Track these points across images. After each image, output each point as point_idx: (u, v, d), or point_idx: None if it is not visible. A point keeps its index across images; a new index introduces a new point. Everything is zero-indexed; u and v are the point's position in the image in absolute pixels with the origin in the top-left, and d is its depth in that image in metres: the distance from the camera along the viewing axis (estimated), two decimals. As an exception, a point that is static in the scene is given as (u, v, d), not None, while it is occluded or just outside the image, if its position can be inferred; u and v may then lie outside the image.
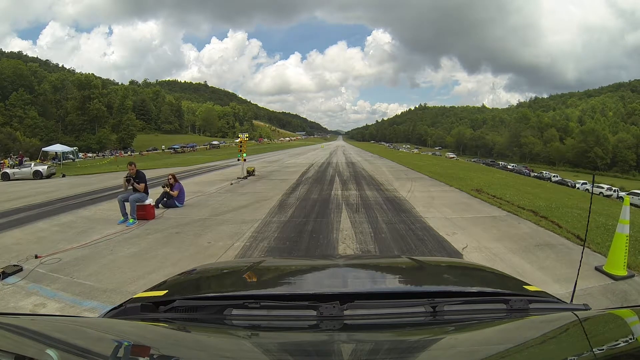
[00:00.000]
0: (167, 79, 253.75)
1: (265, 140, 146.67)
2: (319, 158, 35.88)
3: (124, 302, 1.20)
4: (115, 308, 1.17)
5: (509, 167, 58.21)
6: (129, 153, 63.72)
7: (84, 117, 75.30)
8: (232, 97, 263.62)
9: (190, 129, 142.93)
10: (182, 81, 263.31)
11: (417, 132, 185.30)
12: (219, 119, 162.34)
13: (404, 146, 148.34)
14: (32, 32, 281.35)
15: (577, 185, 41.95)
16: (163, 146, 72.10)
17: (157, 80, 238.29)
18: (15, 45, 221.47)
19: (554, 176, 50.83)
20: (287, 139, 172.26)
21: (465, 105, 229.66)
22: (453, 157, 63.80)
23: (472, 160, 72.04)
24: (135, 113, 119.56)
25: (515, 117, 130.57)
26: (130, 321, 1.08)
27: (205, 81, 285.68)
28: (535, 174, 53.39)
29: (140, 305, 1.12)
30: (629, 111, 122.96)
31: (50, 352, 0.68)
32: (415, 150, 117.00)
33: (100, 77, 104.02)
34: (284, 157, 39.58)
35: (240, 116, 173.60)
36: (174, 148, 67.20)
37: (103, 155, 56.29)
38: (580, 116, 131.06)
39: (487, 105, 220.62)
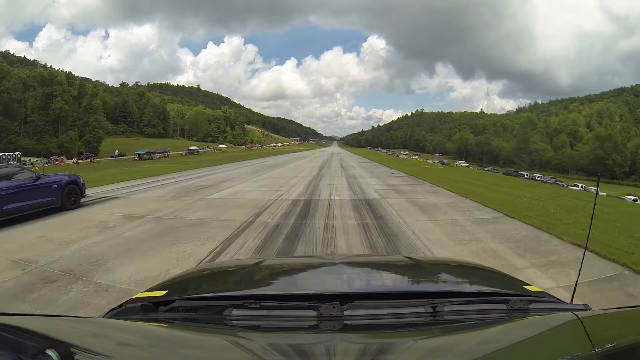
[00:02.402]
0: (158, 82, 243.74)
1: (257, 145, 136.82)
2: (301, 177, 18.29)
3: (124, 303, 1.19)
4: (115, 308, 1.17)
5: (536, 177, 48.49)
6: (73, 160, 50.13)
7: (46, 117, 65.30)
8: (225, 101, 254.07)
9: (180, 133, 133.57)
10: (175, 84, 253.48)
11: (415, 138, 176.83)
12: (209, 123, 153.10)
13: (402, 152, 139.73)
14: (28, 35, 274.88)
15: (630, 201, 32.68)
16: (116, 151, 60.84)
17: (148, 83, 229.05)
18: (11, 46, 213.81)
19: (593, 189, 41.34)
20: (280, 144, 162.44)
21: (463, 111, 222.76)
22: (467, 167, 54.27)
23: (486, 169, 62.42)
24: (116, 115, 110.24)
25: (520, 123, 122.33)
26: (130, 321, 1.07)
27: (199, 85, 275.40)
28: (580, 186, 43.50)
29: (140, 306, 1.12)
30: (638, 116, 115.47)
31: (50, 352, 0.68)
32: (415, 157, 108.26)
33: (74, 75, 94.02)
34: (250, 170, 23.27)
35: (232, 120, 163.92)
36: (138, 154, 55.80)
37: (32, 164, 45.27)
38: (588, 121, 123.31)
39: (485, 111, 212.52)
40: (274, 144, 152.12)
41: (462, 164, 59.11)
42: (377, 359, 0.89)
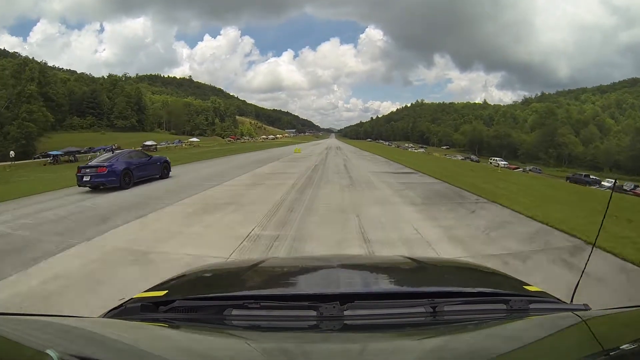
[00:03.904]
0: (148, 74, 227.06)
1: (246, 137, 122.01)
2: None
3: (124, 302, 1.18)
4: (115, 308, 1.15)
5: (625, 187, 33.31)
6: None
7: (-31, 108, 50.51)
8: (219, 92, 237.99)
9: (166, 127, 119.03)
10: (165, 76, 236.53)
11: (418, 129, 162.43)
12: (197, 114, 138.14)
13: (406, 145, 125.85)
14: (22, 29, 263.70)
15: None
16: (12, 153, 42.12)
17: (137, 75, 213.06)
18: (5, 41, 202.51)
19: None
20: (271, 136, 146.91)
21: (465, 102, 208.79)
22: (517, 169, 39.74)
23: (527, 169, 47.92)
24: (84, 107, 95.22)
25: (538, 113, 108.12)
26: (130, 321, 1.06)
27: (190, 76, 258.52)
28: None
29: (140, 306, 1.10)
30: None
31: (50, 352, 0.67)
32: (422, 150, 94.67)
33: (34, 60, 79.01)
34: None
35: (221, 112, 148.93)
36: (53, 155, 38.19)
37: None
38: (612, 112, 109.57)
39: (489, 102, 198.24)
40: (263, 137, 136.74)
41: (500, 163, 44.61)
42: (377, 359, 0.87)
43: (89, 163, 12.14)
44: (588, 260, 1.53)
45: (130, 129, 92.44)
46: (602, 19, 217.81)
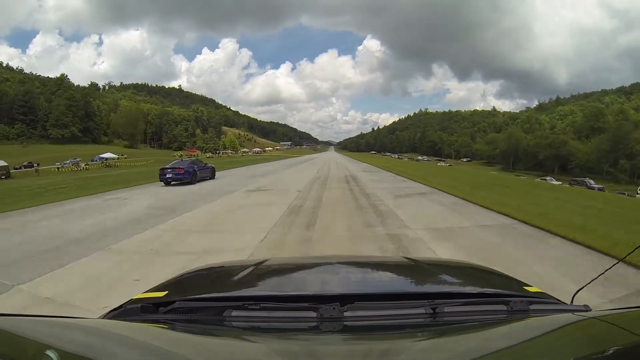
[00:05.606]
0: (133, 82, 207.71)
1: (229, 152, 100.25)
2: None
3: (124, 303, 1.16)
4: (115, 309, 1.14)
5: None
6: None
7: None
8: (209, 102, 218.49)
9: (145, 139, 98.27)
10: (153, 85, 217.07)
11: (429, 140, 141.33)
12: (176, 124, 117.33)
13: (419, 157, 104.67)
14: (20, 42, 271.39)
15: None
16: None
17: (122, 83, 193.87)
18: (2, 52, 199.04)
19: None
20: (256, 149, 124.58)
21: (473, 110, 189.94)
22: None
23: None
24: (14, 112, 74.21)
25: (585, 115, 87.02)
26: (130, 322, 1.04)
27: (180, 85, 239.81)
28: None
29: (140, 307, 1.09)
30: None
31: (50, 353, 0.66)
32: (442, 164, 73.93)
33: None
34: None
35: (205, 121, 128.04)
36: None
37: None
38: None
39: (490, 111, 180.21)
40: (244, 150, 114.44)
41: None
42: None
43: (167, 165, 16.62)
44: (606, 270, 1.41)
45: (71, 140, 71.00)
46: (601, 22, 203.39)
